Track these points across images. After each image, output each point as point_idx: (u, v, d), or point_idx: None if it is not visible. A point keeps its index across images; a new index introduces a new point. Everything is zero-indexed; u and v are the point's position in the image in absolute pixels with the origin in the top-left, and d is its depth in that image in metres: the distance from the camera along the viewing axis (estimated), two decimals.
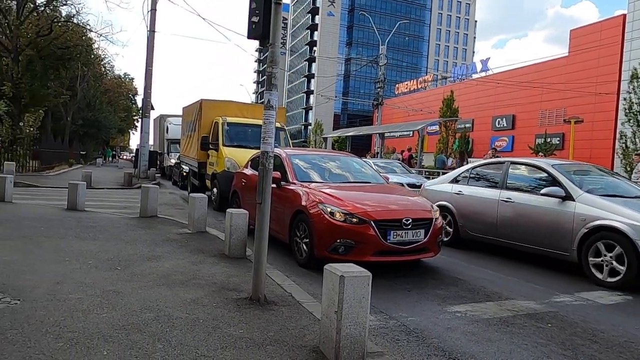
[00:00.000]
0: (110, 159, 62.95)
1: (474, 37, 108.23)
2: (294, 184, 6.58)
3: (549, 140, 35.11)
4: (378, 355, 3.20)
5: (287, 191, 6.53)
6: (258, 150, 7.57)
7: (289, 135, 13.13)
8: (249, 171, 8.37)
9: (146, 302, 3.97)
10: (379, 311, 4.34)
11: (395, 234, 5.53)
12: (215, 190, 11.52)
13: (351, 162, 7.82)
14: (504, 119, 46.70)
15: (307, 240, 5.82)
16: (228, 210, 6.16)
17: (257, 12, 4.31)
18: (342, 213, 5.55)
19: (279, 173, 6.66)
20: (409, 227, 5.61)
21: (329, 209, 5.62)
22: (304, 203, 5.98)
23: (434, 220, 5.91)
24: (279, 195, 6.55)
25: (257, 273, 4.17)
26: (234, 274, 5.09)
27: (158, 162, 26.03)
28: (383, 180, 7.44)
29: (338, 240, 5.46)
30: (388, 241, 5.49)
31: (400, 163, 19.11)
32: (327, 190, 6.13)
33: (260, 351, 3.13)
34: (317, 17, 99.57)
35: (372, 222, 5.47)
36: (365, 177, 7.40)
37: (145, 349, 3.05)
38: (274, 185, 6.45)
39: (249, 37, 4.46)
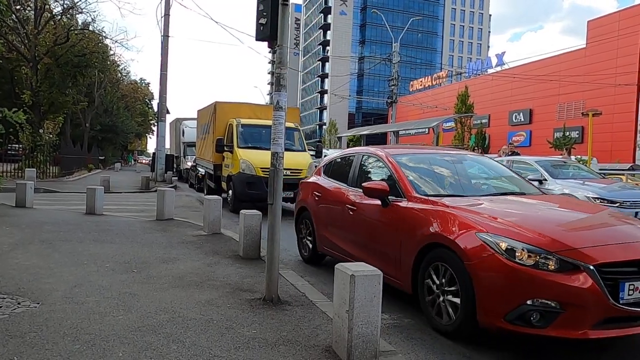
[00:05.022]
0: (132, 162, 63.95)
1: (489, 32, 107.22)
2: (414, 199, 4.37)
3: (567, 134, 34.51)
4: (391, 354, 3.18)
5: (403, 211, 4.35)
6: (338, 153, 6.62)
7: (303, 136, 13.15)
8: (324, 181, 6.08)
9: (161, 303, 4.02)
10: (395, 310, 4.32)
11: (632, 287, 3.25)
12: (230, 192, 11.61)
13: (483, 164, 5.55)
14: (521, 114, 46.09)
15: (454, 289, 3.62)
16: (241, 211, 6.17)
17: (264, 13, 4.32)
18: (531, 251, 3.31)
19: (385, 184, 4.58)
20: None
21: (502, 243, 3.40)
22: (442, 231, 3.82)
23: None
24: (387, 217, 4.55)
25: (270, 273, 4.19)
26: (248, 275, 5.12)
27: (175, 166, 26.35)
28: (536, 189, 5.15)
29: (528, 302, 3.25)
30: (621, 301, 3.21)
31: None
32: (483, 211, 3.95)
33: (272, 351, 3.14)
34: (329, 16, 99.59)
35: (591, 267, 3.21)
36: (510, 185, 5.08)
37: (160, 350, 3.09)
38: (378, 202, 4.62)
39: (257, 39, 4.48)
